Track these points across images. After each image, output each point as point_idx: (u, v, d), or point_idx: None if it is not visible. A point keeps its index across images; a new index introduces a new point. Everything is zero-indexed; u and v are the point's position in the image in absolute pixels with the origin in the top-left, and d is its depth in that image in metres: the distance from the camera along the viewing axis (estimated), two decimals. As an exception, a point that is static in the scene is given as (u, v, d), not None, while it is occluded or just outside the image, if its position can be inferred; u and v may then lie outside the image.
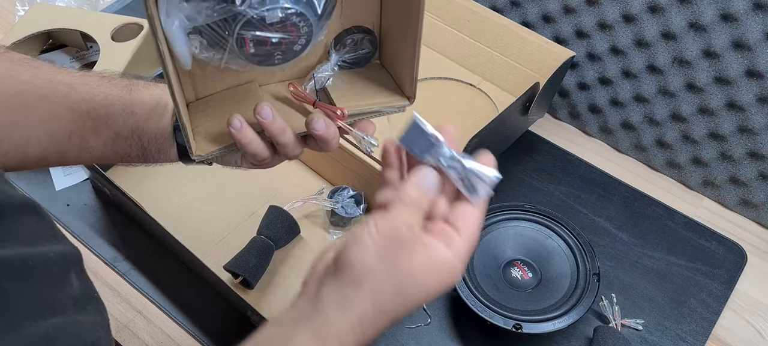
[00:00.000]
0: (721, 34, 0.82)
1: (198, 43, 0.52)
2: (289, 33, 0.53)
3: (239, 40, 0.52)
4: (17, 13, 1.15)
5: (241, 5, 0.49)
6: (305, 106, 0.61)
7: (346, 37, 0.62)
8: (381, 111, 0.62)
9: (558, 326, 0.73)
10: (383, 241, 0.47)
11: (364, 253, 0.47)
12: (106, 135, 0.61)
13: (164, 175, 0.92)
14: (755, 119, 0.85)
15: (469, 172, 0.50)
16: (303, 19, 0.52)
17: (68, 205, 0.91)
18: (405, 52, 0.59)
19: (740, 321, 0.82)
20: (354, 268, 0.47)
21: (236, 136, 0.56)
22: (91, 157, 0.63)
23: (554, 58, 0.93)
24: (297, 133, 0.59)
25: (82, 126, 0.60)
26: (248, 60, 0.54)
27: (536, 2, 0.98)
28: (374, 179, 0.84)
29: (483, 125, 0.82)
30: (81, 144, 0.61)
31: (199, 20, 0.50)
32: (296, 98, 0.61)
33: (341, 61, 0.63)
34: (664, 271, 0.86)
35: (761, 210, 0.91)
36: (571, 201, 0.93)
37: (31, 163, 0.61)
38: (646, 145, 0.97)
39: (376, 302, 0.47)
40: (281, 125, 0.57)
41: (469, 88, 0.99)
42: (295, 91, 0.61)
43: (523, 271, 0.81)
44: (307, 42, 0.54)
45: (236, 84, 0.63)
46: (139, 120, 0.61)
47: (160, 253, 0.86)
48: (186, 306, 0.81)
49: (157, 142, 0.62)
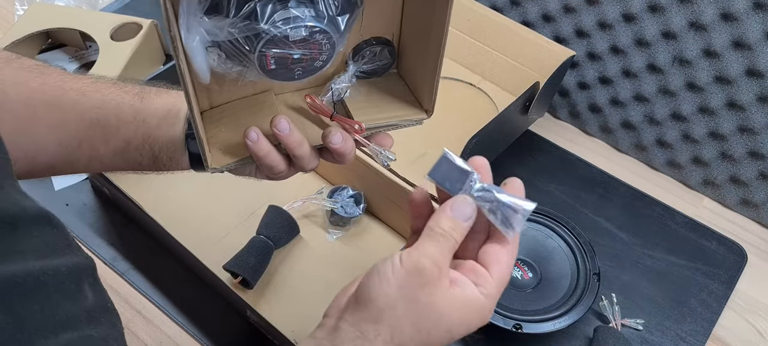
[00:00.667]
0: (722, 33, 0.82)
1: (216, 56, 0.51)
2: (312, 50, 0.51)
3: (261, 57, 0.50)
4: (16, 13, 1.15)
5: (265, 23, 0.48)
6: (321, 119, 0.60)
7: (365, 49, 0.60)
8: (398, 124, 0.61)
9: (558, 326, 0.73)
10: (406, 275, 0.46)
11: (385, 287, 0.46)
12: (116, 144, 0.60)
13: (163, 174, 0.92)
14: (755, 119, 0.85)
15: (502, 205, 0.48)
16: (326, 36, 0.51)
17: (67, 204, 0.91)
18: (425, 65, 0.58)
19: (740, 321, 0.82)
20: (373, 302, 0.46)
21: (253, 148, 0.55)
22: (101, 166, 0.62)
23: (554, 57, 0.93)
24: (313, 145, 0.57)
25: (91, 134, 0.59)
26: (268, 76, 0.52)
27: (536, 1, 0.97)
28: (374, 179, 0.84)
29: (483, 125, 0.82)
30: (90, 152, 0.60)
31: (220, 37, 0.49)
32: (313, 110, 0.60)
33: (359, 72, 0.61)
34: (665, 271, 0.86)
35: (761, 210, 0.91)
36: (571, 201, 0.93)
37: (40, 171, 0.60)
38: (647, 144, 0.97)
39: (394, 338, 0.46)
40: (298, 138, 0.56)
41: (468, 87, 0.99)
42: (312, 103, 0.59)
43: (523, 271, 0.80)
44: (328, 58, 0.53)
45: (252, 93, 0.61)
46: (150, 128, 0.60)
47: (159, 253, 0.86)
48: (185, 306, 0.81)
49: (168, 150, 0.60)
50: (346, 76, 0.60)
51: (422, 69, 0.59)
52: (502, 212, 0.49)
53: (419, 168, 0.83)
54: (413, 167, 0.82)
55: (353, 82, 0.61)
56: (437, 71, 0.57)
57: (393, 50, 0.62)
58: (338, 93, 0.60)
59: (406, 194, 0.82)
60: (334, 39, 0.51)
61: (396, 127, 0.61)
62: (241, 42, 0.50)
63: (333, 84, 0.59)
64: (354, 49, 0.60)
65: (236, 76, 0.53)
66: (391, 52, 0.62)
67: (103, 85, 0.61)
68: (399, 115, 0.60)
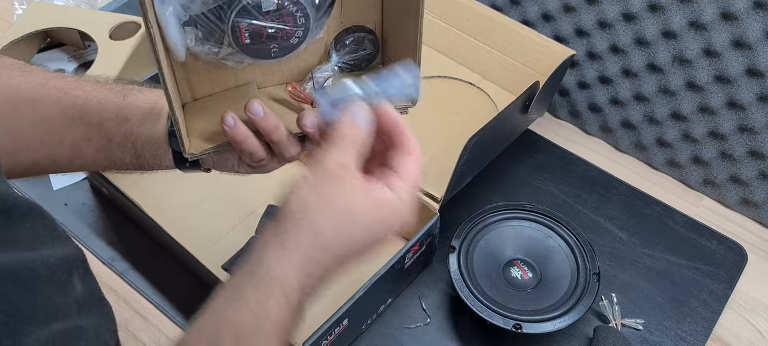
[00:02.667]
0: (722, 32, 0.82)
1: (193, 35, 0.51)
2: (285, 23, 0.52)
3: (235, 28, 0.51)
4: (15, 12, 1.14)
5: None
6: (304, 107, 0.61)
7: (346, 37, 0.61)
8: None
9: (558, 326, 0.73)
10: (314, 178, 0.48)
11: (299, 194, 0.48)
12: (98, 141, 0.60)
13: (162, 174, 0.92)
14: (756, 118, 0.84)
15: (385, 79, 0.51)
16: (300, 7, 0.51)
17: (66, 204, 0.91)
18: (406, 54, 0.59)
19: (740, 321, 0.82)
20: (290, 211, 0.47)
21: (230, 133, 0.55)
22: (84, 164, 0.62)
23: (554, 56, 0.92)
24: (293, 133, 0.58)
25: (74, 131, 0.59)
26: (244, 51, 0.53)
27: (536, 1, 0.97)
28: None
29: (483, 124, 0.82)
30: (73, 150, 0.60)
31: (194, 8, 0.49)
32: (295, 99, 0.60)
33: (342, 63, 0.62)
34: (665, 270, 0.86)
35: (761, 209, 0.90)
36: (571, 201, 0.93)
37: (22, 169, 0.60)
38: (647, 144, 0.96)
39: (315, 241, 0.47)
40: (274, 122, 0.56)
41: (468, 86, 0.98)
42: (294, 91, 0.60)
43: (523, 271, 0.80)
44: (304, 35, 0.53)
45: (234, 85, 0.62)
46: (132, 126, 0.60)
47: (158, 253, 0.86)
48: (184, 306, 0.81)
49: (151, 148, 0.61)
50: (329, 65, 0.61)
51: (404, 58, 0.59)
52: (391, 82, 0.51)
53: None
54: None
55: (336, 72, 0.61)
56: (417, 58, 0.57)
57: (375, 39, 0.62)
58: (320, 81, 0.60)
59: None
60: (308, 12, 0.52)
61: None
62: (214, 13, 0.50)
63: (315, 72, 0.60)
64: (335, 39, 0.61)
65: (214, 58, 0.53)
66: (373, 42, 0.62)
67: (86, 82, 0.61)
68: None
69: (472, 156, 0.79)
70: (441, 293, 0.83)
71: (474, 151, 0.78)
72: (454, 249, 0.79)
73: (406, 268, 0.78)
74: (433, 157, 0.85)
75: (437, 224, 0.79)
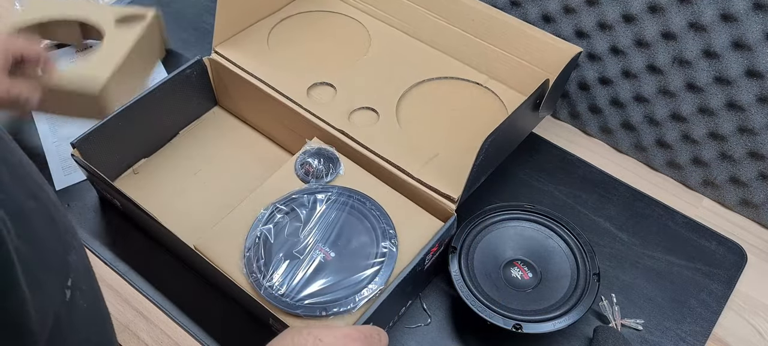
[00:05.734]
0: (721, 34, 0.82)
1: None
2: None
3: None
4: (15, 10, 1.15)
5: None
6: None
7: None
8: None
9: (558, 326, 0.73)
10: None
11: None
12: None
13: (164, 176, 0.92)
14: (755, 119, 0.85)
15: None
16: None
17: (68, 205, 0.91)
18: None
19: (740, 321, 0.82)
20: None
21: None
22: None
23: (561, 54, 0.92)
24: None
25: None
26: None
27: (536, 2, 0.98)
28: (389, 179, 0.84)
29: (492, 124, 0.81)
30: None
31: None
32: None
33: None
34: (664, 271, 0.86)
35: (761, 210, 0.91)
36: (571, 201, 0.93)
37: None
38: (647, 145, 0.97)
39: None
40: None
41: (476, 87, 0.98)
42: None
43: (523, 271, 0.80)
44: None
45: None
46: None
47: (160, 253, 0.86)
48: (187, 306, 0.81)
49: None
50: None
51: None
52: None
53: (432, 169, 0.83)
54: (427, 169, 0.82)
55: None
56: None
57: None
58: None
59: (410, 195, 0.82)
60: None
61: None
62: None
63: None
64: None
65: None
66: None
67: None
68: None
69: (487, 156, 0.79)
70: (441, 293, 0.83)
71: (490, 151, 0.78)
72: (454, 249, 0.79)
73: (426, 269, 0.79)
74: (444, 158, 0.85)
75: (455, 223, 0.79)
